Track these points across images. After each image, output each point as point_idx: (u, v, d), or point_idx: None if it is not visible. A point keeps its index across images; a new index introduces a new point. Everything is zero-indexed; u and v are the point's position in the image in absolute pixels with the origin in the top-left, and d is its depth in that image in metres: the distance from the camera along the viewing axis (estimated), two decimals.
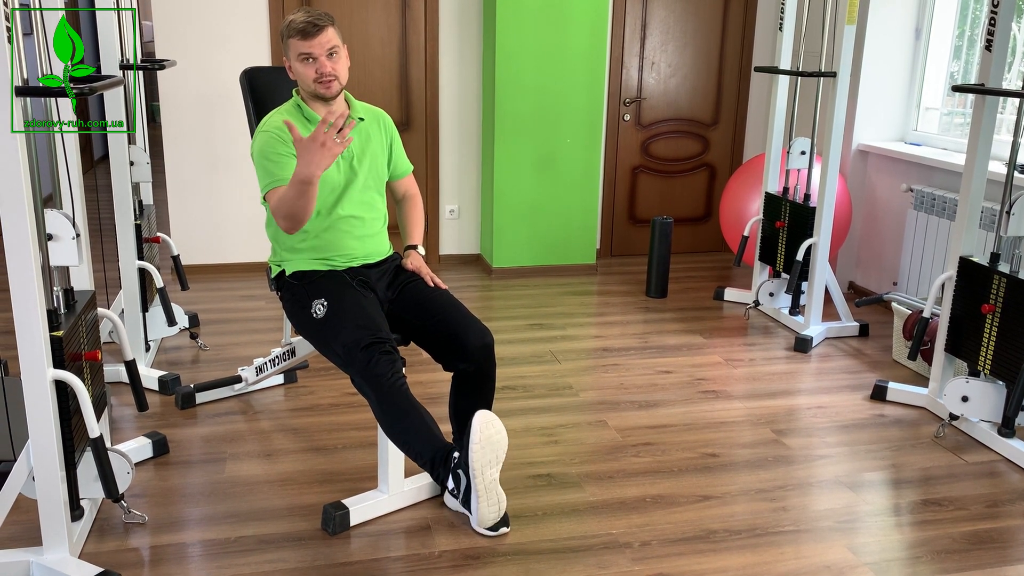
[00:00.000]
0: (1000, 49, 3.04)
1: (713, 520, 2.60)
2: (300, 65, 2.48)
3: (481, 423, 2.25)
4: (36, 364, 2.08)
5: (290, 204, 2.34)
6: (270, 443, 3.04)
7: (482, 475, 2.24)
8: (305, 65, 2.47)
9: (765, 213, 4.49)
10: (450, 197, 5.37)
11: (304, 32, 2.44)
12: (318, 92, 2.50)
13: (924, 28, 4.61)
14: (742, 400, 3.48)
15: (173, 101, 4.82)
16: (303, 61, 2.47)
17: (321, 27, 2.44)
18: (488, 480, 2.26)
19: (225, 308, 4.49)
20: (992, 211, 3.73)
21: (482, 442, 2.22)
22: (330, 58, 2.47)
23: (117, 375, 3.37)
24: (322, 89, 2.49)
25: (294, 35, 2.45)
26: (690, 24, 5.42)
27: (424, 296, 2.59)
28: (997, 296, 3.03)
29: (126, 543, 2.42)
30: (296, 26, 2.45)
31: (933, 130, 4.64)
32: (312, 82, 2.49)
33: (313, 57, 2.46)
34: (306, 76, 2.49)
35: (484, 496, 2.24)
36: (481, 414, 2.28)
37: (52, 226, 2.18)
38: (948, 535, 2.55)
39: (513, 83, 4.89)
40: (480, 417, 2.27)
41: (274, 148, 2.47)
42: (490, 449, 2.24)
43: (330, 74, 2.48)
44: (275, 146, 2.47)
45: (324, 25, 2.45)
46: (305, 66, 2.48)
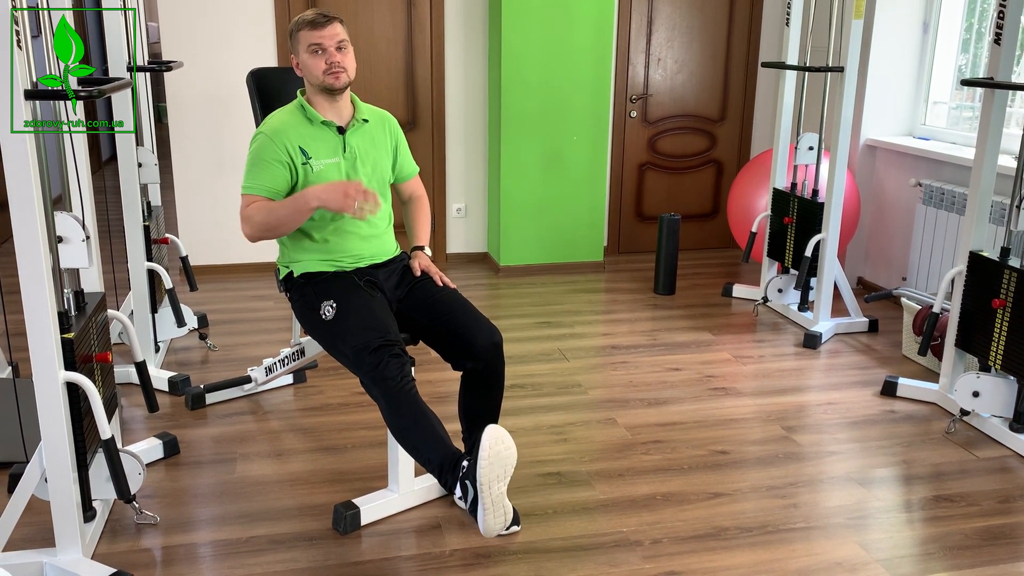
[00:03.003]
0: (1009, 42, 3.02)
1: (724, 517, 2.60)
2: (309, 56, 2.50)
3: (491, 439, 2.20)
4: (48, 366, 2.09)
5: (277, 216, 2.43)
6: (280, 443, 3.04)
7: (489, 489, 2.23)
8: (315, 56, 2.50)
9: (773, 209, 4.48)
10: (457, 196, 5.37)
11: (315, 23, 2.50)
12: (326, 83, 2.51)
13: (932, 22, 4.58)
14: (752, 397, 3.47)
15: (180, 102, 4.83)
16: (313, 52, 2.50)
17: (332, 19, 2.52)
18: (495, 494, 2.25)
19: (234, 308, 4.50)
20: (1002, 205, 3.72)
21: (490, 458, 2.19)
22: (339, 50, 2.52)
23: (127, 376, 3.38)
24: (331, 80, 2.50)
25: (304, 27, 2.51)
26: (696, 20, 5.41)
27: (433, 295, 2.60)
28: (1008, 291, 3.02)
29: (138, 544, 2.43)
30: (307, 18, 2.52)
31: (942, 124, 4.62)
32: (321, 73, 2.50)
33: (323, 48, 2.49)
34: (315, 67, 2.50)
35: (491, 509, 2.24)
36: (491, 429, 2.22)
37: (62, 228, 2.18)
38: (960, 531, 2.54)
39: (519, 81, 4.89)
40: (490, 432, 2.21)
41: (266, 153, 2.50)
42: (498, 464, 2.22)
43: (339, 64, 2.50)
44: (268, 151, 2.50)
45: (334, 19, 2.53)
46: (315, 57, 2.50)
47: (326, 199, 2.37)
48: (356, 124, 2.62)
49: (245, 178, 2.52)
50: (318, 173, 2.53)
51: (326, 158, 2.55)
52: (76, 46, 2.10)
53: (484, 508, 2.21)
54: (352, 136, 2.60)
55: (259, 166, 2.50)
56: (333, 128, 2.57)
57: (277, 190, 2.50)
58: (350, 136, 2.60)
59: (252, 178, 2.50)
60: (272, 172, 2.49)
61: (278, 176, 2.49)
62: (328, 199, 2.37)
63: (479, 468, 2.18)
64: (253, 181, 2.50)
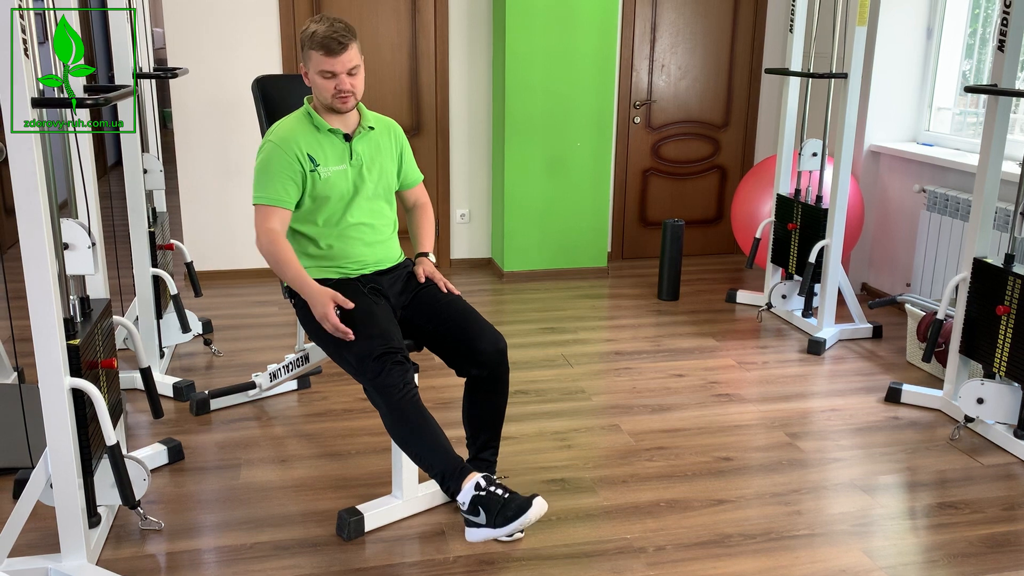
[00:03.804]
0: (1013, 49, 3.02)
1: (728, 524, 2.59)
2: (319, 78, 2.49)
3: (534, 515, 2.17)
4: (54, 373, 2.10)
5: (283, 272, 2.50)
6: (284, 449, 3.05)
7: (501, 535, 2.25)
8: (325, 79, 2.48)
9: (777, 215, 4.48)
10: (461, 201, 5.38)
11: (328, 49, 2.43)
12: (335, 106, 2.52)
13: (935, 28, 4.59)
14: (755, 403, 3.47)
15: (185, 108, 4.85)
16: (323, 76, 2.48)
17: (345, 45, 2.44)
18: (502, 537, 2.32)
19: (238, 314, 4.51)
20: (1006, 212, 3.71)
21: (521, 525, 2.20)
22: (351, 75, 2.49)
23: (132, 382, 3.39)
24: (339, 103, 2.51)
25: (317, 48, 2.44)
26: (700, 26, 5.42)
27: (437, 302, 2.60)
28: (1012, 297, 3.02)
29: (143, 550, 2.44)
30: (319, 40, 2.43)
31: (945, 130, 4.62)
32: (330, 96, 2.50)
33: (335, 74, 2.47)
34: (324, 89, 2.50)
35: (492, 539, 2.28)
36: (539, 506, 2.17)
37: (68, 235, 2.19)
38: (964, 538, 2.54)
39: (523, 87, 4.90)
40: (537, 508, 2.17)
41: (275, 162, 2.51)
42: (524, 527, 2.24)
43: (349, 91, 2.49)
44: (276, 160, 2.51)
45: (348, 43, 2.45)
46: (325, 80, 2.48)
47: (314, 306, 2.43)
48: (362, 131, 2.62)
49: (255, 188, 2.53)
50: (325, 180, 2.54)
51: (334, 165, 2.56)
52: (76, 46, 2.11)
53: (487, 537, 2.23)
54: (358, 143, 2.61)
55: (268, 176, 2.50)
56: (340, 135, 2.58)
57: (287, 201, 2.51)
58: (356, 143, 2.61)
59: (262, 188, 2.51)
60: (281, 182, 2.50)
61: (288, 186, 2.50)
62: (315, 309, 2.43)
63: (510, 527, 2.17)
64: (264, 192, 2.50)
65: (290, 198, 2.52)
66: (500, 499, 2.19)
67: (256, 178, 2.53)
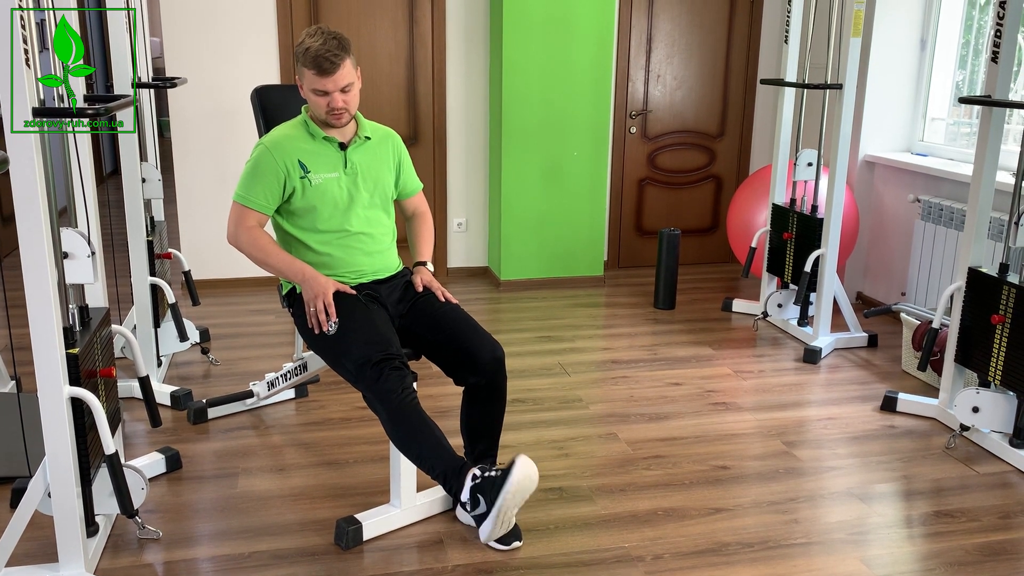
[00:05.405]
0: (1006, 60, 3.05)
1: (725, 533, 2.60)
2: (312, 94, 2.50)
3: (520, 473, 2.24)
4: (53, 382, 2.10)
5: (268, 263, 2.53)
6: (282, 458, 3.05)
7: (504, 513, 2.26)
8: (318, 96, 2.50)
9: (772, 224, 4.50)
10: (458, 210, 5.40)
11: (320, 68, 2.42)
12: (328, 122, 2.55)
13: (929, 39, 4.62)
14: (752, 412, 3.48)
15: (183, 117, 4.86)
16: (316, 94, 2.49)
17: (337, 64, 2.42)
18: (507, 517, 2.31)
19: (236, 323, 4.51)
20: (1000, 221, 3.74)
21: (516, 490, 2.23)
22: (344, 92, 2.49)
23: (130, 391, 3.39)
24: (333, 119, 2.54)
25: (309, 67, 2.43)
26: (695, 37, 5.45)
27: (435, 311, 2.61)
28: (1007, 307, 3.03)
29: (141, 559, 2.43)
30: (311, 57, 2.42)
31: (940, 140, 4.65)
32: (324, 113, 2.52)
33: (327, 92, 2.48)
34: (318, 106, 2.52)
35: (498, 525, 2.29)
36: (522, 462, 2.25)
37: (68, 244, 2.20)
38: (961, 547, 2.55)
39: (520, 97, 4.92)
40: (521, 465, 2.25)
41: (262, 165, 2.54)
42: (520, 495, 2.27)
43: (342, 108, 2.51)
44: (264, 163, 2.54)
45: (340, 62, 2.43)
46: (318, 97, 2.50)
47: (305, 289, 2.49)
48: (358, 141, 2.64)
49: (240, 185, 2.57)
50: (316, 187, 2.55)
51: (325, 172, 2.57)
52: (76, 46, 2.12)
53: (492, 523, 2.25)
54: (354, 152, 2.62)
55: (254, 177, 2.54)
56: (335, 144, 2.60)
57: (265, 207, 2.55)
58: (351, 152, 2.62)
59: (246, 188, 2.55)
60: (265, 186, 2.54)
61: (271, 191, 2.54)
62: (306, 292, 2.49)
63: (503, 495, 2.20)
64: (246, 192, 2.55)
65: (269, 205, 2.56)
66: (493, 479, 2.25)
67: (243, 176, 2.58)
